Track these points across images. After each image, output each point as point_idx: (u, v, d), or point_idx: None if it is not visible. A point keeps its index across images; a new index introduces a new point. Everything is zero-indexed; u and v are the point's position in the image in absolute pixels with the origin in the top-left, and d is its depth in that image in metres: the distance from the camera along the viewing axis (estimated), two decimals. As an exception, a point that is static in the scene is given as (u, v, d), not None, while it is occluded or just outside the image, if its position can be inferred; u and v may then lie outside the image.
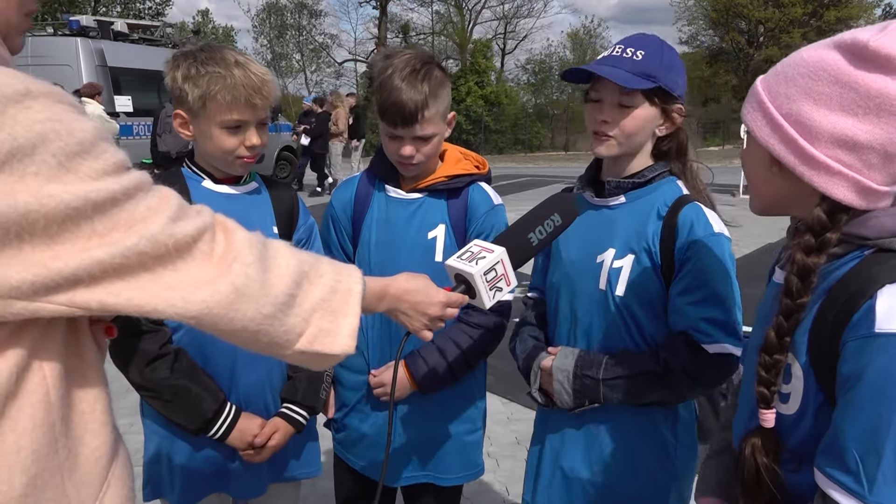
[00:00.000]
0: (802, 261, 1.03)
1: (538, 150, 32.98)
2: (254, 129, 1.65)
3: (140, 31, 13.07)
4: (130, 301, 0.82)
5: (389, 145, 1.77)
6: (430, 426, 1.88)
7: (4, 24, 0.90)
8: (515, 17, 38.84)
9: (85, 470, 0.88)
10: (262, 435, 1.73)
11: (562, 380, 1.59)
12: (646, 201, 1.59)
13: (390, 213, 1.81)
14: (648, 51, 1.52)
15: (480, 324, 1.83)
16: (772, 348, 1.06)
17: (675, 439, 1.63)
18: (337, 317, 1.02)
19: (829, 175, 1.00)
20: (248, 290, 0.89)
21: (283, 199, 1.82)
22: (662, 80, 1.51)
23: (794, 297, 1.03)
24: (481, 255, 1.35)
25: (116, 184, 0.80)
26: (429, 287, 1.32)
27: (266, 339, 0.94)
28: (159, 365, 1.63)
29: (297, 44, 38.29)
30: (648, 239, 1.56)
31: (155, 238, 0.82)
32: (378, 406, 1.88)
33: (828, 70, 0.99)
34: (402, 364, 1.80)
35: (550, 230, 1.44)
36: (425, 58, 1.75)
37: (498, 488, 3.22)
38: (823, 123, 0.99)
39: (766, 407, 1.07)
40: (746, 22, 35.39)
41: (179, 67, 1.60)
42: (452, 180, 1.84)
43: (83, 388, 0.90)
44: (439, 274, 1.80)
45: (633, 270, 1.57)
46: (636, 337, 1.59)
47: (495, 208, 1.86)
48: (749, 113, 1.09)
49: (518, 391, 4.49)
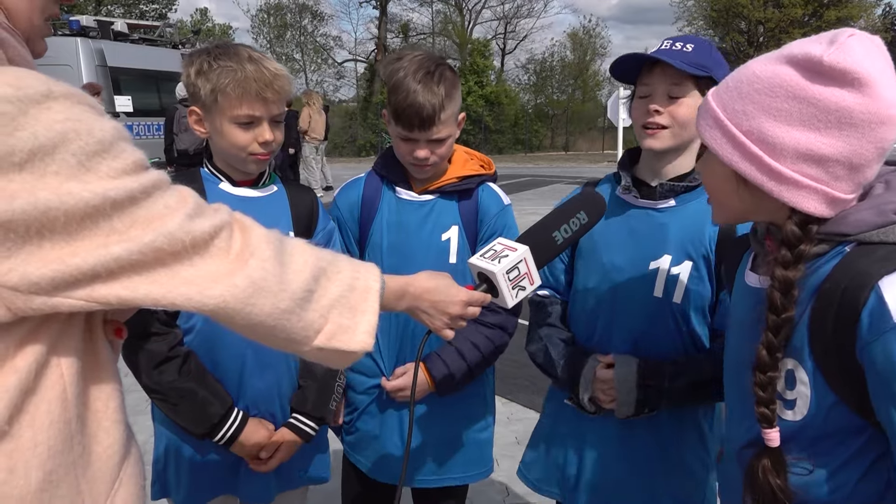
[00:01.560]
0: (783, 275, 1.03)
1: (538, 150, 32.96)
2: (266, 125, 1.62)
3: (140, 31, 13.07)
4: (148, 295, 0.83)
5: (402, 148, 1.75)
6: (442, 426, 1.88)
7: (28, 27, 0.91)
8: (515, 17, 38.87)
9: (98, 467, 0.89)
10: (268, 448, 1.72)
11: (625, 391, 1.55)
12: (697, 205, 1.55)
13: (402, 216, 1.80)
14: (698, 45, 1.53)
15: (496, 323, 1.83)
16: (766, 366, 1.05)
17: (711, 431, 1.64)
18: (355, 314, 1.02)
19: (797, 189, 1.01)
20: (266, 285, 0.90)
21: (302, 202, 1.79)
22: (714, 71, 1.50)
23: (779, 312, 1.04)
24: (504, 254, 1.33)
25: (135, 182, 0.81)
26: (450, 286, 1.30)
27: (283, 335, 0.95)
28: (168, 367, 1.62)
29: (298, 44, 38.34)
30: (706, 245, 1.54)
31: (172, 235, 0.83)
32: (389, 409, 1.87)
33: (783, 86, 1.00)
34: (422, 365, 1.79)
35: (576, 228, 1.42)
36: (436, 59, 1.74)
37: (498, 488, 3.22)
38: (786, 139, 1.00)
39: (769, 426, 1.06)
40: (746, 22, 35.37)
41: (193, 64, 1.60)
42: (463, 181, 1.84)
43: (98, 386, 0.91)
44: (455, 275, 1.80)
45: (690, 277, 1.55)
46: (687, 342, 1.59)
47: (506, 208, 1.88)
48: (707, 130, 1.09)
49: (518, 391, 4.50)
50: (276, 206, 1.75)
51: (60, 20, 12.38)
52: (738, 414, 1.20)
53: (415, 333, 1.83)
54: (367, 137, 31.38)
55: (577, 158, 26.48)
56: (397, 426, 1.87)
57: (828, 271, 1.02)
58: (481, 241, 1.84)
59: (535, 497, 1.85)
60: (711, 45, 1.55)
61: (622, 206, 1.65)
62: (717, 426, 1.66)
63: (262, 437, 1.71)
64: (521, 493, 3.17)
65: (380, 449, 1.89)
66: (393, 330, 1.85)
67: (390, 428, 1.87)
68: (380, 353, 1.86)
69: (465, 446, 1.90)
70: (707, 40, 1.57)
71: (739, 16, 34.89)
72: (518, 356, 4.44)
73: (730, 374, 1.25)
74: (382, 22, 36.26)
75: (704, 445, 1.64)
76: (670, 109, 1.52)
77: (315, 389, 1.77)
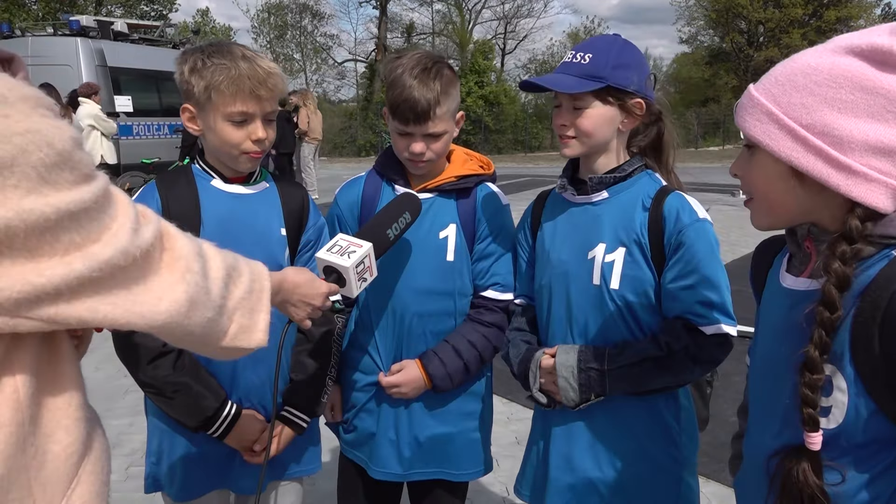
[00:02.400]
0: (842, 271, 0.98)
1: (538, 150, 32.96)
2: (259, 123, 1.64)
3: (140, 31, 13.07)
4: (107, 317, 0.84)
5: (399, 143, 1.78)
6: (439, 423, 1.89)
7: None
8: (515, 17, 38.90)
9: (54, 467, 0.87)
10: (262, 440, 1.74)
11: (567, 376, 1.60)
12: (628, 194, 1.63)
13: None
14: (597, 53, 1.57)
15: (493, 322, 1.86)
16: (816, 367, 1.00)
17: (679, 426, 1.65)
18: (253, 314, 1.08)
19: (867, 183, 0.97)
20: (198, 298, 0.93)
21: (294, 198, 1.81)
22: (610, 79, 1.55)
23: (835, 310, 0.98)
24: (351, 250, 1.49)
25: (88, 193, 0.80)
26: (314, 280, 1.41)
27: (202, 340, 0.98)
28: (162, 362, 1.64)
29: (298, 44, 38.34)
30: (637, 230, 1.60)
31: (126, 250, 0.83)
32: (386, 406, 1.89)
33: (848, 77, 0.96)
34: (418, 362, 1.82)
35: (403, 226, 1.65)
36: (435, 57, 1.78)
37: (498, 488, 3.22)
38: (854, 132, 0.96)
39: (812, 430, 1.01)
40: (746, 22, 35.39)
41: (187, 62, 1.61)
42: (462, 180, 1.86)
43: (56, 384, 0.90)
44: (451, 273, 1.84)
45: (625, 263, 1.60)
46: (633, 328, 1.62)
47: (503, 208, 1.90)
48: (756, 126, 1.03)
49: (518, 391, 4.48)
50: (268, 203, 1.77)
51: (60, 20, 12.39)
52: (765, 420, 1.15)
53: (411, 331, 1.84)
54: (367, 137, 31.38)
55: (577, 158, 26.43)
56: (393, 423, 1.88)
57: (872, 275, 0.98)
58: (479, 239, 1.86)
59: (535, 497, 1.85)
60: (614, 47, 1.59)
61: (565, 205, 1.72)
62: (687, 422, 1.67)
63: (255, 429, 1.74)
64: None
65: (377, 445, 1.90)
66: (390, 328, 1.86)
67: (386, 424, 1.88)
68: (377, 351, 1.88)
69: (462, 443, 1.91)
70: (613, 41, 1.62)
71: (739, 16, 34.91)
72: (518, 356, 4.43)
73: (758, 379, 1.20)
74: (382, 22, 36.28)
75: (672, 440, 1.64)
76: (575, 121, 1.60)
77: (306, 383, 1.80)
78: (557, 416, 1.71)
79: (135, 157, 10.90)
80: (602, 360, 1.58)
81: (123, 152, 10.46)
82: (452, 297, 1.85)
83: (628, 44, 1.63)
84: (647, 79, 1.61)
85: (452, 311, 1.86)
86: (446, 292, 1.84)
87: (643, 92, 1.60)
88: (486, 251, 1.86)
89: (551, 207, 1.77)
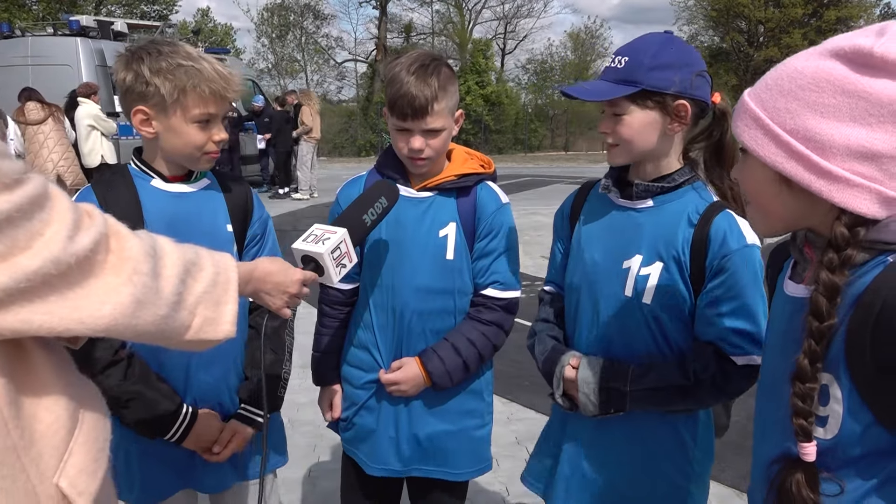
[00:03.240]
0: (829, 279, 0.97)
1: (538, 150, 32.95)
2: (220, 124, 1.66)
3: (140, 32, 13.07)
4: (42, 326, 0.84)
5: (399, 140, 1.79)
6: (439, 421, 1.89)
7: None
8: (515, 17, 38.87)
9: (43, 444, 0.90)
10: (221, 441, 1.74)
11: (587, 392, 1.57)
12: (675, 206, 1.56)
13: (400, 212, 1.81)
14: (633, 55, 1.51)
15: (493, 321, 1.86)
16: (806, 376, 0.99)
17: (695, 442, 1.63)
18: (219, 306, 1.09)
19: (849, 189, 0.95)
20: (146, 298, 0.94)
21: (237, 194, 1.80)
22: (645, 81, 1.49)
23: (823, 319, 0.97)
24: (326, 237, 1.50)
25: (7, 203, 0.78)
26: (288, 268, 1.42)
27: (161, 336, 1.00)
28: (112, 372, 1.62)
29: (299, 44, 38.32)
30: (678, 247, 1.53)
31: (58, 260, 0.83)
32: (385, 403, 1.89)
33: (830, 81, 0.95)
34: (417, 360, 1.83)
35: (380, 211, 1.66)
36: (434, 55, 1.80)
37: (498, 488, 3.22)
38: (836, 136, 0.95)
39: (806, 440, 1.00)
40: (746, 22, 35.37)
41: (144, 61, 1.58)
42: (462, 179, 1.86)
43: (32, 366, 0.91)
44: (451, 271, 1.85)
45: (661, 278, 1.54)
46: (661, 343, 1.58)
47: (503, 207, 1.90)
48: (745, 131, 1.03)
49: (518, 391, 4.50)
50: (211, 200, 1.76)
51: (60, 20, 12.39)
52: (768, 428, 1.14)
53: (411, 329, 1.85)
54: (367, 137, 31.37)
55: (577, 158, 26.47)
56: (393, 420, 1.89)
57: (867, 282, 0.96)
58: (479, 238, 1.86)
59: (536, 497, 1.85)
60: (651, 48, 1.51)
61: (607, 205, 1.67)
62: (704, 439, 1.65)
63: (213, 429, 1.73)
64: (521, 492, 3.16)
65: (376, 443, 1.90)
66: (390, 326, 1.86)
67: (386, 422, 1.89)
68: (377, 349, 1.88)
69: (461, 442, 1.91)
70: (654, 41, 1.53)
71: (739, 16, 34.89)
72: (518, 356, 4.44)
73: (765, 387, 1.19)
74: (382, 22, 36.26)
75: (685, 455, 1.62)
76: (615, 128, 1.55)
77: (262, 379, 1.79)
78: (576, 419, 1.69)
79: (135, 156, 10.91)
80: (625, 380, 1.54)
81: (123, 152, 10.43)
82: (452, 295, 1.85)
83: (671, 42, 1.54)
84: (692, 78, 1.50)
85: (452, 309, 1.86)
86: (446, 290, 1.84)
87: (688, 92, 1.50)
88: (486, 249, 1.86)
89: (593, 202, 1.72)
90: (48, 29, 11.77)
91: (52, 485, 0.91)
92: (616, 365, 1.58)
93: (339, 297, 1.93)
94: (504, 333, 1.90)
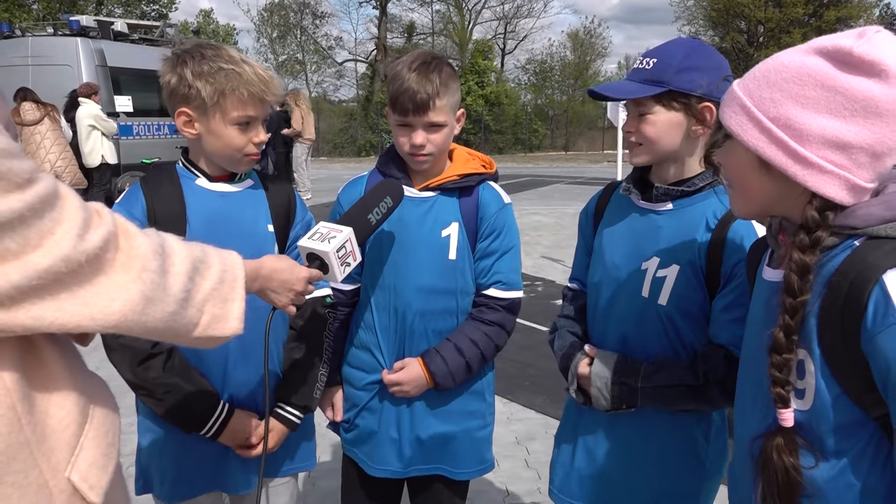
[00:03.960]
0: (800, 258, 1.06)
1: (538, 150, 32.97)
2: (260, 126, 1.68)
3: (140, 31, 13.07)
4: (54, 323, 0.85)
5: (400, 137, 1.79)
6: (441, 422, 1.89)
7: None
8: (515, 17, 38.88)
9: (55, 439, 0.92)
10: (257, 436, 1.74)
11: (600, 386, 1.60)
12: (694, 210, 1.57)
13: (403, 212, 1.81)
14: (662, 57, 1.53)
15: (495, 321, 1.86)
16: (781, 348, 1.07)
17: (707, 442, 1.64)
18: (226, 303, 1.11)
19: (821, 174, 1.04)
20: (155, 295, 0.95)
21: (280, 195, 1.82)
22: (673, 83, 1.51)
23: (796, 295, 1.06)
24: (331, 235, 1.52)
25: (19, 201, 0.80)
26: (294, 266, 1.43)
27: (170, 333, 1.01)
28: (152, 363, 1.63)
29: (299, 44, 38.32)
30: (695, 251, 1.54)
31: (69, 258, 0.84)
32: (387, 404, 1.89)
33: (812, 75, 1.03)
34: (420, 361, 1.83)
35: (385, 210, 1.67)
36: (435, 54, 1.81)
37: (498, 488, 3.22)
38: (812, 126, 1.03)
39: (784, 406, 1.09)
40: (746, 22, 35.39)
41: (187, 65, 1.61)
42: (464, 179, 1.87)
43: (41, 368, 0.92)
44: (454, 271, 1.85)
45: (677, 281, 1.56)
46: (675, 343, 1.59)
47: (505, 207, 1.90)
48: (731, 117, 1.12)
49: (518, 391, 4.50)
50: (254, 200, 1.78)
51: (60, 20, 12.39)
52: (750, 406, 1.21)
53: (413, 330, 1.85)
54: (367, 137, 31.37)
55: (577, 158, 26.48)
56: (395, 421, 1.89)
57: (837, 264, 1.04)
58: (481, 238, 1.87)
59: (536, 497, 1.85)
60: (680, 51, 1.53)
61: (628, 206, 1.68)
62: (717, 437, 1.66)
63: (249, 426, 1.74)
64: (520, 492, 3.17)
65: (378, 444, 1.90)
66: (392, 327, 1.86)
67: (388, 423, 1.89)
68: (380, 350, 1.88)
69: (463, 442, 1.91)
70: (683, 44, 1.56)
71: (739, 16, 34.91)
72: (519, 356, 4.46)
73: (745, 367, 1.26)
74: (382, 22, 36.26)
75: (697, 455, 1.64)
76: (639, 127, 1.56)
77: (299, 379, 1.80)
78: (591, 414, 1.71)
79: (135, 157, 10.90)
80: (637, 377, 1.57)
81: (123, 152, 10.45)
82: (454, 295, 1.85)
83: (700, 47, 1.57)
84: (719, 81, 1.52)
85: (454, 309, 1.86)
86: (448, 291, 1.85)
87: (714, 96, 1.51)
88: (488, 249, 1.87)
89: (616, 203, 1.74)
90: (48, 29, 11.76)
91: (64, 479, 0.92)
92: (629, 361, 1.60)
93: (340, 298, 1.93)
94: (506, 333, 1.90)
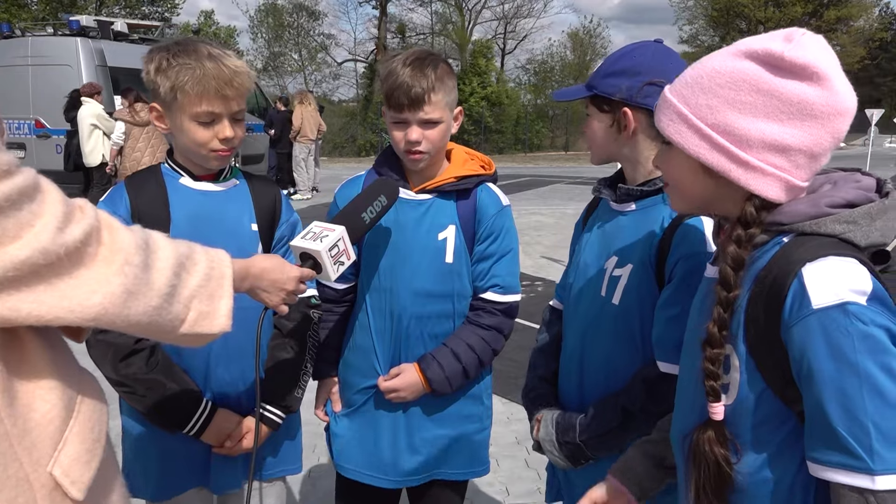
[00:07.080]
0: (735, 252, 1.08)
1: (538, 150, 32.96)
2: (227, 122, 1.65)
3: (140, 32, 13.07)
4: (31, 314, 0.85)
5: (396, 134, 1.77)
6: (437, 426, 1.88)
7: None
8: (515, 17, 38.86)
9: (38, 433, 0.92)
10: (234, 437, 1.74)
11: (551, 449, 1.63)
12: (654, 210, 1.56)
13: (399, 214, 1.80)
14: (604, 60, 1.58)
15: (492, 325, 1.85)
16: (715, 342, 1.09)
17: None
18: (213, 300, 1.10)
19: (763, 177, 1.07)
20: (137, 289, 0.95)
21: (265, 194, 1.81)
22: (598, 87, 1.54)
23: (731, 289, 1.08)
24: (324, 234, 1.51)
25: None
26: (284, 264, 1.42)
27: (155, 328, 1.01)
28: (134, 360, 1.63)
29: (296, 43, 38.29)
30: (650, 250, 1.53)
31: (46, 250, 0.84)
32: (382, 409, 1.88)
33: (747, 80, 1.06)
34: (416, 366, 1.81)
35: (379, 209, 1.66)
36: (431, 52, 1.80)
37: (498, 488, 3.22)
38: (752, 130, 1.06)
39: (715, 400, 1.10)
40: (747, 22, 35.39)
41: (153, 61, 1.61)
42: (462, 181, 1.85)
43: (24, 362, 0.92)
44: (450, 275, 1.83)
45: (629, 281, 1.55)
46: (628, 343, 1.57)
47: (504, 209, 1.88)
48: (669, 125, 1.13)
49: (517, 391, 4.47)
50: (239, 200, 1.77)
51: (60, 20, 12.38)
52: (688, 403, 1.20)
53: (409, 334, 1.83)
54: (367, 137, 31.38)
55: (577, 158, 26.48)
56: (390, 427, 1.87)
57: (766, 261, 1.07)
58: (479, 241, 1.85)
59: (536, 497, 1.85)
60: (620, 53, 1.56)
61: (604, 208, 1.69)
62: None
63: (231, 424, 1.74)
64: (520, 492, 3.17)
65: (372, 449, 1.89)
66: (388, 331, 1.85)
67: (382, 428, 1.87)
68: (375, 354, 1.86)
69: (460, 446, 1.90)
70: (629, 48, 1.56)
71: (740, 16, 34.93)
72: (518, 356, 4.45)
73: (684, 365, 1.26)
74: (382, 22, 36.25)
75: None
76: (584, 129, 1.62)
77: (281, 379, 1.79)
78: None
79: (135, 157, 10.90)
80: (574, 432, 1.58)
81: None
82: (451, 299, 1.84)
83: (638, 49, 1.54)
84: (641, 86, 1.49)
85: (451, 313, 1.85)
86: (445, 294, 1.83)
87: (633, 101, 1.50)
88: (485, 252, 1.85)
89: (601, 207, 1.74)
90: (48, 29, 11.76)
91: (46, 473, 0.92)
92: (566, 417, 1.62)
93: (332, 295, 1.92)
94: (504, 338, 1.88)
